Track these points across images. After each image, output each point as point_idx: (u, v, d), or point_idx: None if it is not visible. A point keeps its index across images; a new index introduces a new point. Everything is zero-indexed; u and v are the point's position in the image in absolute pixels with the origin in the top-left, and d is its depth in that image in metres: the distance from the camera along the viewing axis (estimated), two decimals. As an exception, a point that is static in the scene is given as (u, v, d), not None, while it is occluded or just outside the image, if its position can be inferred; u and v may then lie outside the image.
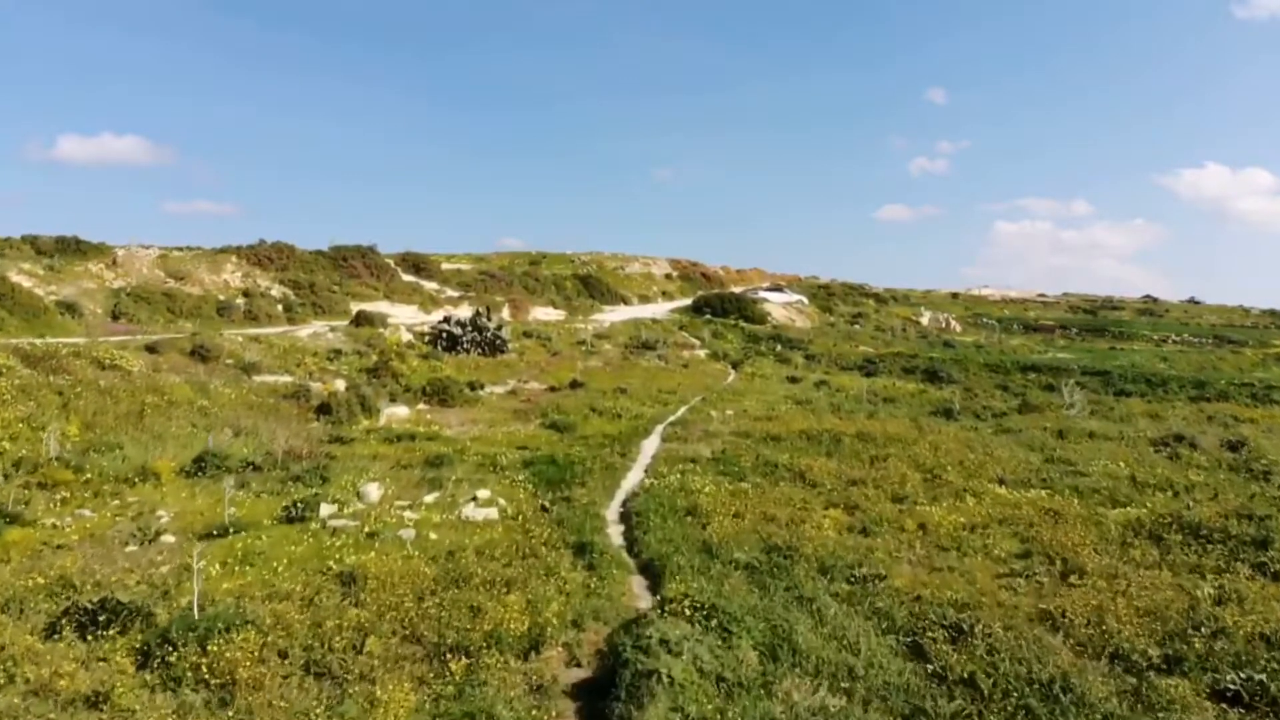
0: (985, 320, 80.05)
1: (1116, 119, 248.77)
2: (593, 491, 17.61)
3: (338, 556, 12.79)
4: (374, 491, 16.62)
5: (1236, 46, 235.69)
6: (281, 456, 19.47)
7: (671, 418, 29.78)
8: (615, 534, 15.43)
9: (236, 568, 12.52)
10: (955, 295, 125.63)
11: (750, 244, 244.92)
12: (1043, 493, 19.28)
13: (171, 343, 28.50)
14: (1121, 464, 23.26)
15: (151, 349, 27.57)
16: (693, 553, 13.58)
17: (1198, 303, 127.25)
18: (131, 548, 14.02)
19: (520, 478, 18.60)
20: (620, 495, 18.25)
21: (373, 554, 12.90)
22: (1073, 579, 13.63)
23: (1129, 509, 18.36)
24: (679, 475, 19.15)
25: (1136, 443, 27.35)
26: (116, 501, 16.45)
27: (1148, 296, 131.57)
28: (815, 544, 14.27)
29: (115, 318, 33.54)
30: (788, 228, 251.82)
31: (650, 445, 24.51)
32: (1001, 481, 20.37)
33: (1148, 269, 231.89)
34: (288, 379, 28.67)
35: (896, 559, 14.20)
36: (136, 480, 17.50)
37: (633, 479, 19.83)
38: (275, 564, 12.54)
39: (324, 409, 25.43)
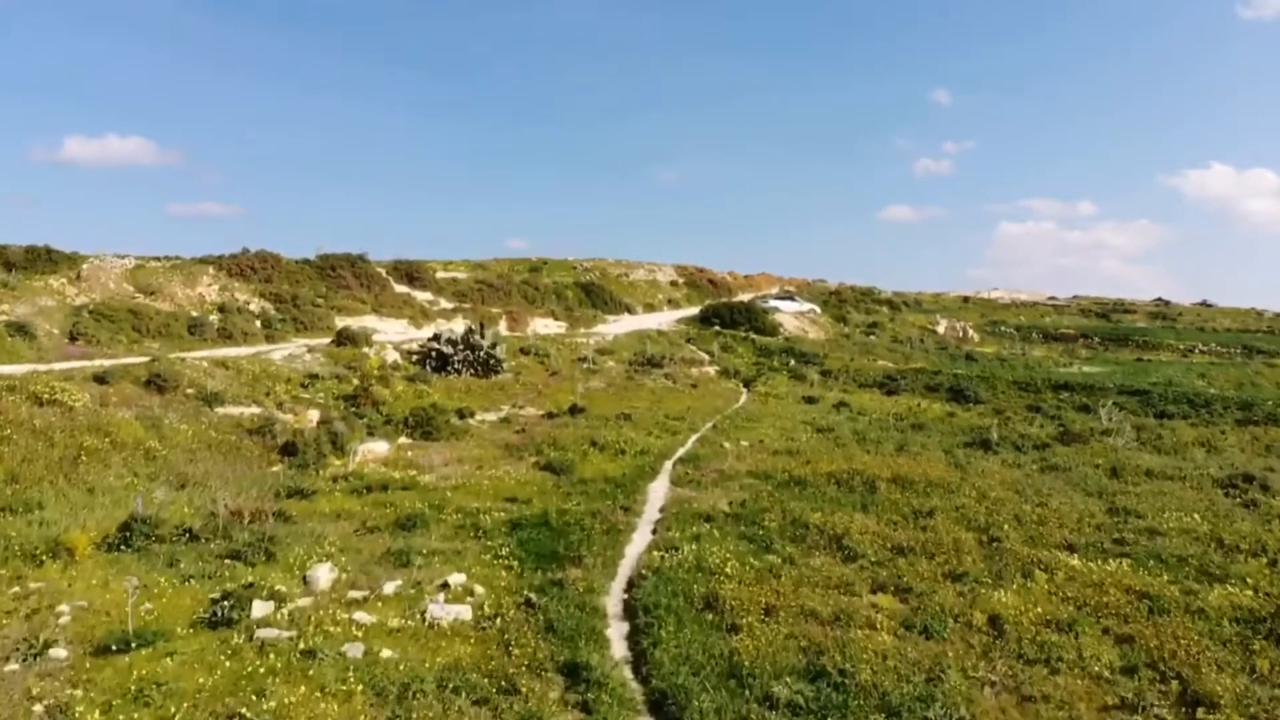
0: (1003, 328, 77.02)
1: (1121, 119, 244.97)
2: (591, 570, 14.66)
3: (257, 695, 9.87)
4: (324, 575, 13.71)
5: (1241, 47, 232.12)
6: (225, 519, 16.56)
7: (681, 451, 26.89)
8: (618, 638, 12.47)
9: (123, 714, 9.61)
10: (966, 299, 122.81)
11: (754, 245, 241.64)
12: (1124, 564, 16.33)
13: (125, 371, 25.61)
14: (1196, 516, 20.34)
15: (101, 379, 24.68)
16: (718, 682, 10.62)
17: (1210, 305, 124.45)
18: (12, 666, 11.13)
19: (505, 550, 15.66)
20: (625, 570, 15.32)
21: (303, 688, 9.98)
22: (1200, 712, 10.71)
23: (1228, 588, 15.42)
24: (693, 543, 16.22)
25: (1201, 483, 24.43)
26: (16, 589, 13.55)
27: (1159, 300, 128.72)
28: (870, 661, 11.32)
29: (73, 339, 30.66)
30: (791, 228, 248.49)
31: (658, 491, 21.59)
32: (1070, 548, 17.41)
33: (1153, 269, 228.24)
34: (254, 410, 25.78)
35: (973, 680, 11.24)
36: (46, 557, 14.60)
37: (639, 544, 16.89)
38: (174, 708, 9.63)
39: (289, 449, 22.57)
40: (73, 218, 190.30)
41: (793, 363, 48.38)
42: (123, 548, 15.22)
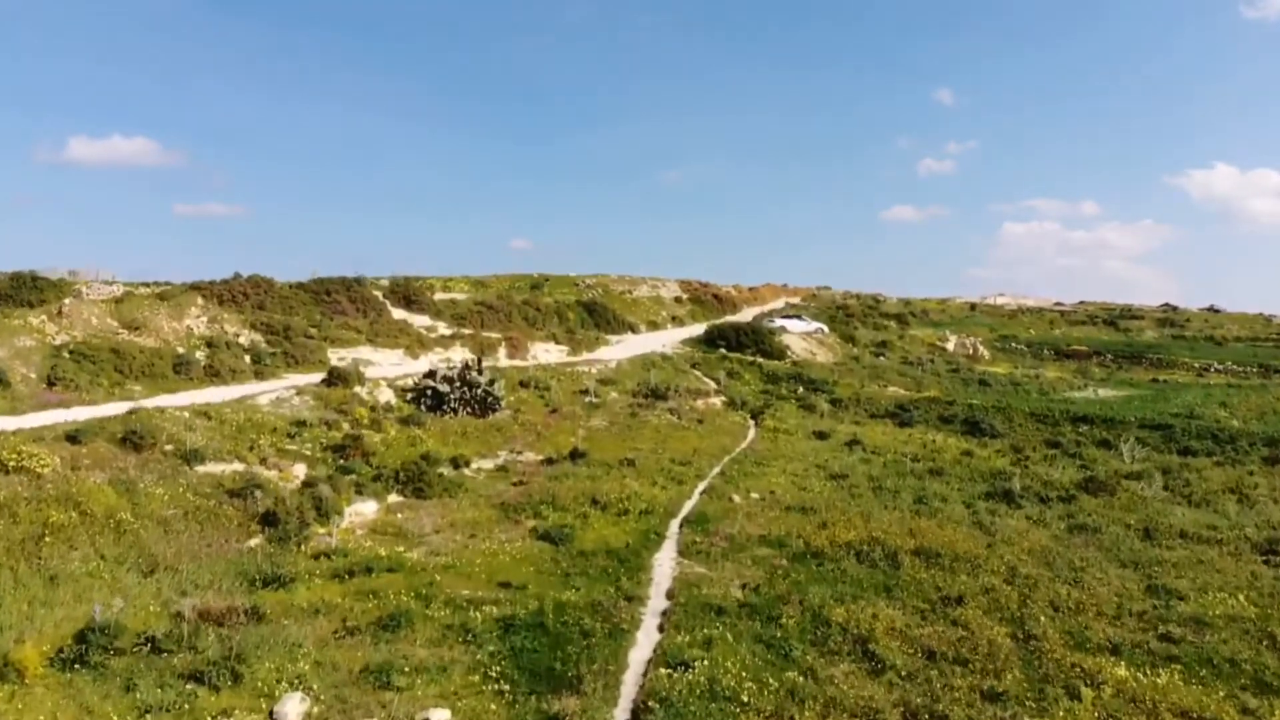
0: (1014, 344, 75.51)
1: (1125, 119, 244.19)
2: (591, 697, 13.20)
3: None
4: (293, 711, 12.30)
5: (1244, 47, 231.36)
6: (192, 622, 15.17)
7: (688, 505, 25.55)
8: (621, 798, 11.06)
9: None
10: (973, 306, 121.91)
11: (758, 247, 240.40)
12: (1175, 675, 14.92)
13: (100, 427, 24.22)
14: (1241, 598, 19.04)
15: (74, 438, 23.29)
16: None
17: (1218, 311, 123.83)
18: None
19: (496, 667, 14.20)
20: (629, 690, 13.84)
21: None
22: None
23: (1294, 706, 14.05)
24: (705, 651, 14.80)
25: (1239, 549, 23.14)
26: (-48, 725, 12.21)
27: (1166, 305, 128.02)
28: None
29: (51, 384, 29.23)
30: (795, 229, 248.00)
31: (665, 566, 20.16)
32: (1115, 650, 16.00)
33: (1158, 270, 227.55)
34: (236, 467, 24.39)
35: None
36: (-9, 678, 13.22)
37: (645, 648, 15.46)
38: None
39: (269, 519, 21.14)
40: (78, 219, 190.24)
41: (801, 390, 46.97)
42: (77, 665, 13.81)
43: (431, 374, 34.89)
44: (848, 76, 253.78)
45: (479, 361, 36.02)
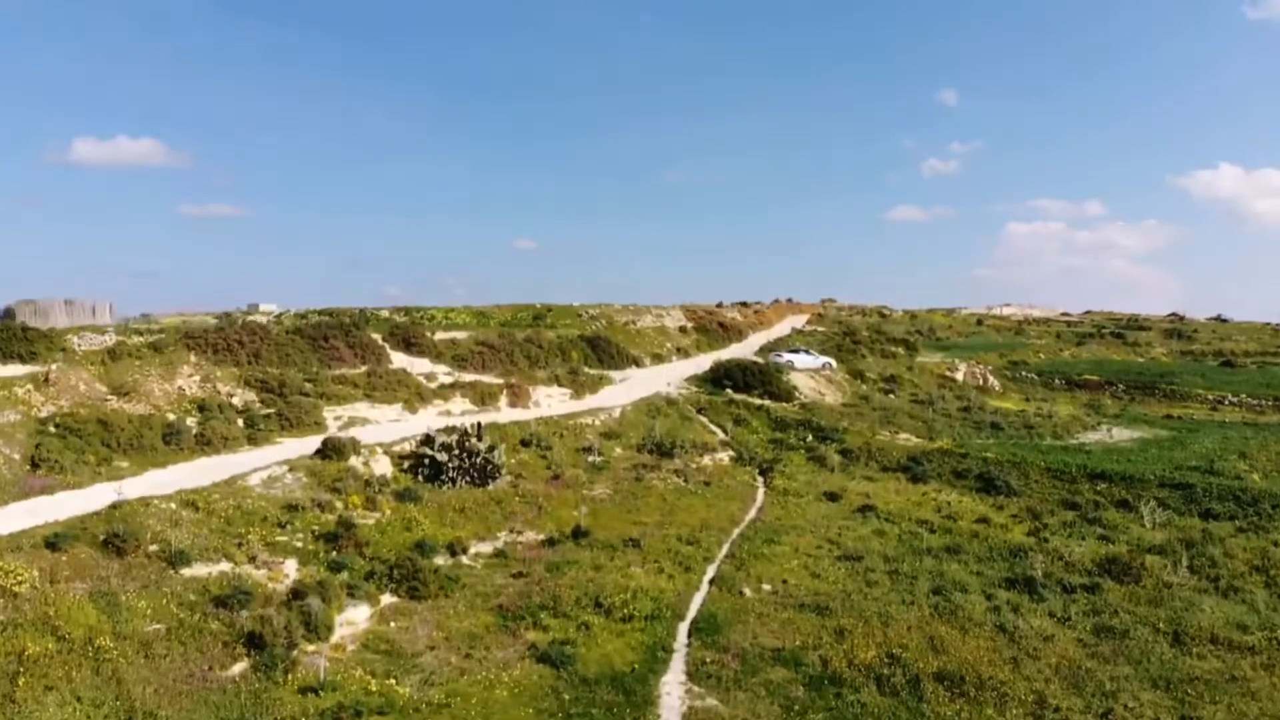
0: (1024, 373, 74.30)
1: (1129, 119, 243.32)
2: None
3: None
4: None
5: (1248, 47, 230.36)
6: (167, 804, 14.14)
7: (696, 602, 24.67)
8: None
9: None
10: (980, 321, 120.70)
11: (763, 249, 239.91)
12: None
13: (81, 528, 23.19)
14: (1286, 732, 17.99)
15: (53, 544, 22.26)
16: None
17: (1225, 320, 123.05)
18: None
19: None
20: None
21: None
22: None
23: None
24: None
25: (1272, 659, 22.05)
26: None
27: (1173, 315, 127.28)
28: None
29: (35, 465, 28.17)
30: (799, 230, 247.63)
31: (673, 695, 19.23)
32: (1158, 826, 14.95)
33: (1162, 270, 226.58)
34: (224, 568, 23.37)
35: None
36: None
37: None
38: None
39: (255, 641, 20.05)
40: (83, 221, 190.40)
41: (810, 438, 45.77)
42: None
43: (429, 440, 33.83)
44: (851, 77, 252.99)
45: (479, 427, 34.96)
